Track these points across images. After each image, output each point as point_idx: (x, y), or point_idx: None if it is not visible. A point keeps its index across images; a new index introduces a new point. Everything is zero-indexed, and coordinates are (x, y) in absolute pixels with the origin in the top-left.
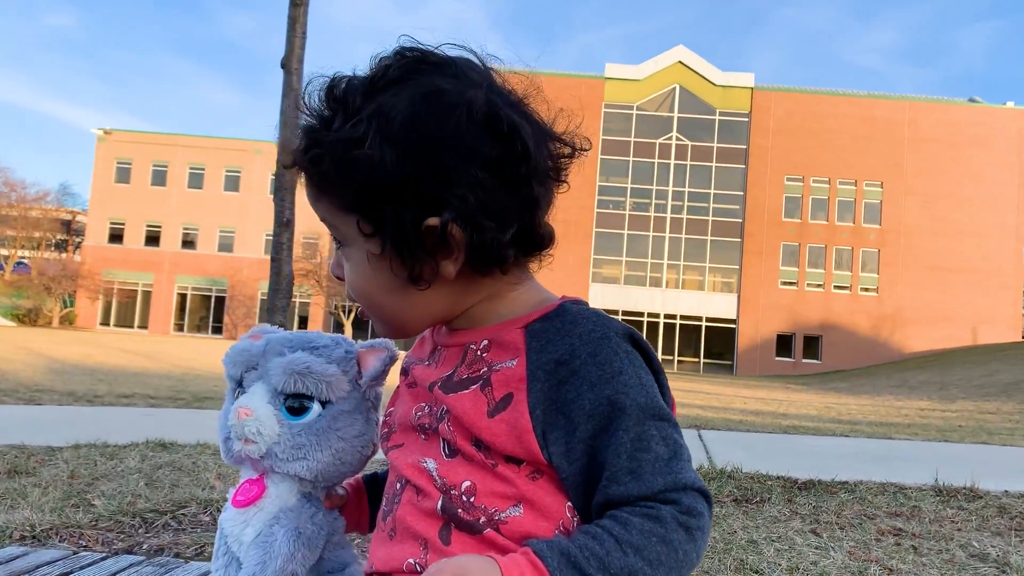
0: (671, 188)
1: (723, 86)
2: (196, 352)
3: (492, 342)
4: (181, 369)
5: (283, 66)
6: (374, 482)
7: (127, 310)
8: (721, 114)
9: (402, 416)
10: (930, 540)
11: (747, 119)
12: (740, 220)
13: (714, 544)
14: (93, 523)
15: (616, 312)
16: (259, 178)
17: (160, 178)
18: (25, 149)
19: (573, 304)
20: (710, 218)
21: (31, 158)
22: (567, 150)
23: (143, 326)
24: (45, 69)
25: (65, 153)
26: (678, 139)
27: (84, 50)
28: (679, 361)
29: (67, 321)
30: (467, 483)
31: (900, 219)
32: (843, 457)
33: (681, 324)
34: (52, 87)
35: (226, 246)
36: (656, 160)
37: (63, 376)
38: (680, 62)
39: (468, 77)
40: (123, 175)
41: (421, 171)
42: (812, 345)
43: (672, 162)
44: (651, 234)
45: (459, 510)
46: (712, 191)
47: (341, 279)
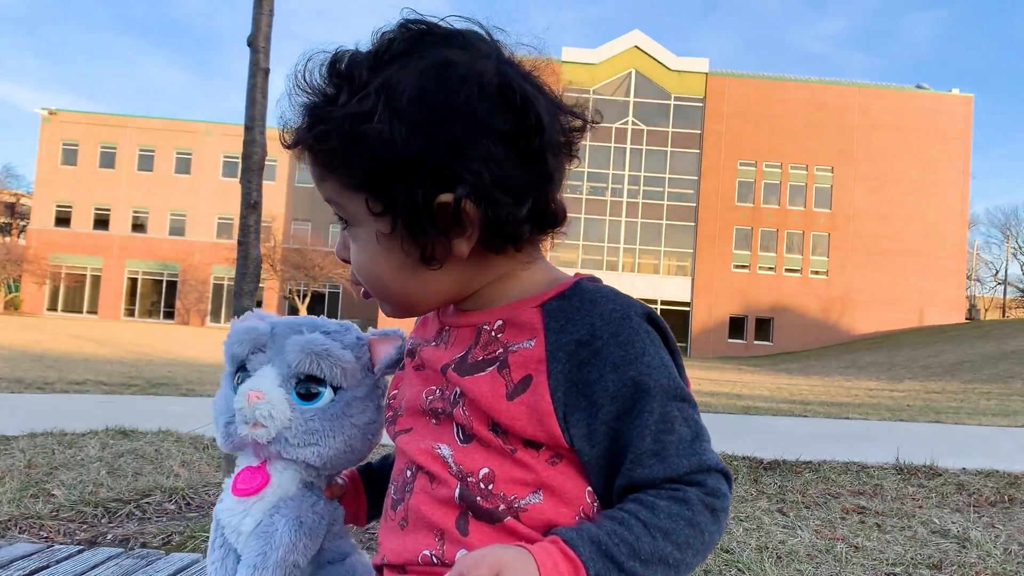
0: (627, 172)
1: (678, 71)
2: (148, 338)
3: (507, 322)
4: (134, 355)
5: (249, 44)
6: (369, 472)
7: (75, 295)
8: (676, 99)
9: (410, 400)
10: (893, 517)
11: (701, 104)
12: (694, 204)
13: None
14: (54, 514)
15: None
16: (210, 160)
17: (108, 160)
18: None
19: (589, 282)
20: (665, 202)
21: None
22: (578, 123)
23: (92, 311)
24: None
25: (7, 134)
26: (634, 124)
27: (24, 26)
28: None
29: (12, 307)
30: (485, 470)
31: (850, 203)
32: (803, 437)
33: None
34: None
35: (177, 230)
36: (612, 144)
37: (10, 363)
38: (636, 46)
39: (477, 48)
40: (70, 157)
41: (432, 146)
42: (764, 327)
43: (628, 147)
44: (607, 218)
45: (477, 498)
46: (667, 175)
47: (346, 261)
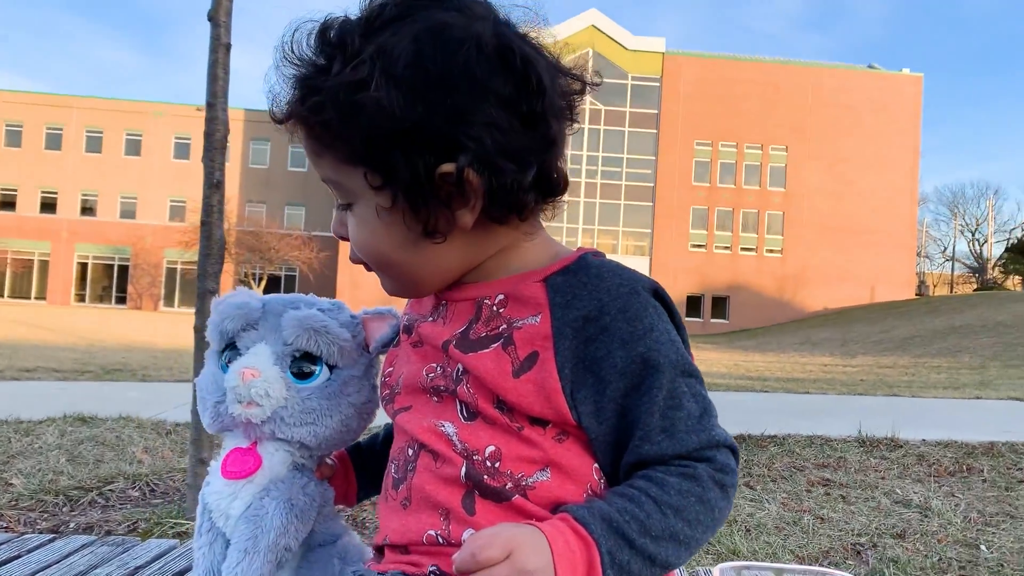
0: (585, 153)
1: (635, 51)
2: (100, 323)
3: (509, 296)
4: (86, 341)
5: (210, 19)
6: (358, 451)
7: (22, 280)
8: (633, 79)
9: (409, 377)
10: (857, 489)
11: (658, 84)
12: (652, 184)
13: None
14: (13, 503)
15: None
16: (161, 141)
17: (54, 142)
18: None
19: (593, 256)
20: (623, 183)
21: None
22: (577, 86)
23: (41, 297)
24: None
25: None
26: (591, 104)
27: None
28: None
29: None
30: (491, 448)
31: (803, 182)
32: (766, 412)
33: None
34: None
35: (128, 213)
36: None
37: None
38: (593, 26)
39: (471, 10)
40: (13, 138)
41: (432, 113)
42: (720, 305)
43: (586, 127)
44: (566, 199)
45: (484, 476)
46: (625, 156)
47: (344, 239)
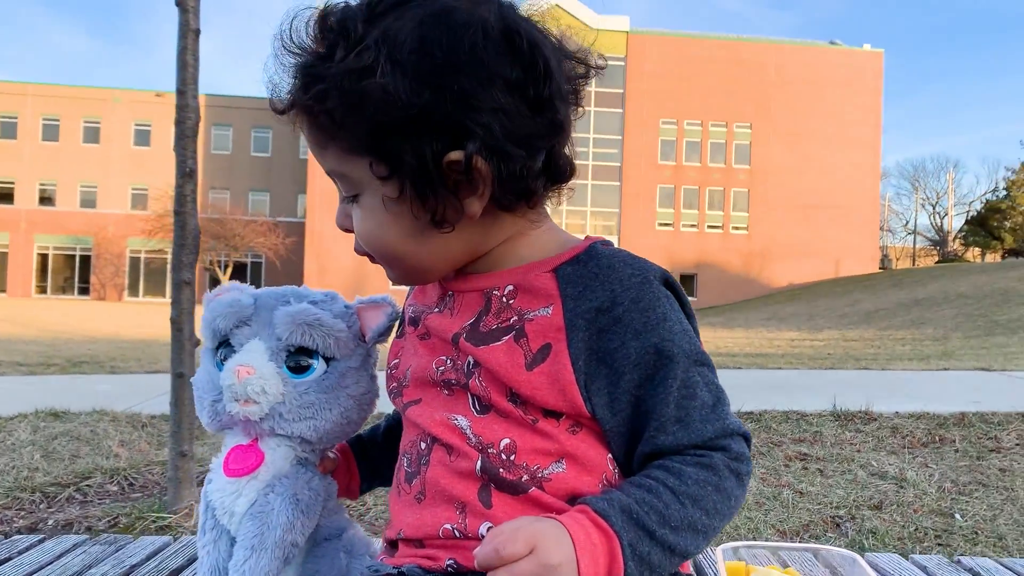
0: None
1: (599, 30)
2: (64, 315)
3: (518, 287)
4: (50, 333)
5: (178, 4)
6: (360, 444)
7: None
8: (598, 58)
9: (417, 370)
10: (834, 462)
11: (623, 63)
12: (618, 164)
13: None
14: None
15: None
16: (120, 129)
17: (9, 130)
18: None
19: (602, 245)
20: (590, 163)
21: None
22: (581, 69)
23: (0, 290)
24: None
25: None
26: None
27: None
28: None
29: None
30: (506, 441)
31: (768, 159)
32: (740, 388)
33: None
34: None
35: (89, 202)
36: None
37: None
38: (558, 5)
39: None
40: None
41: (439, 99)
42: (688, 283)
43: None
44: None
45: (500, 470)
46: (591, 135)
47: (348, 231)
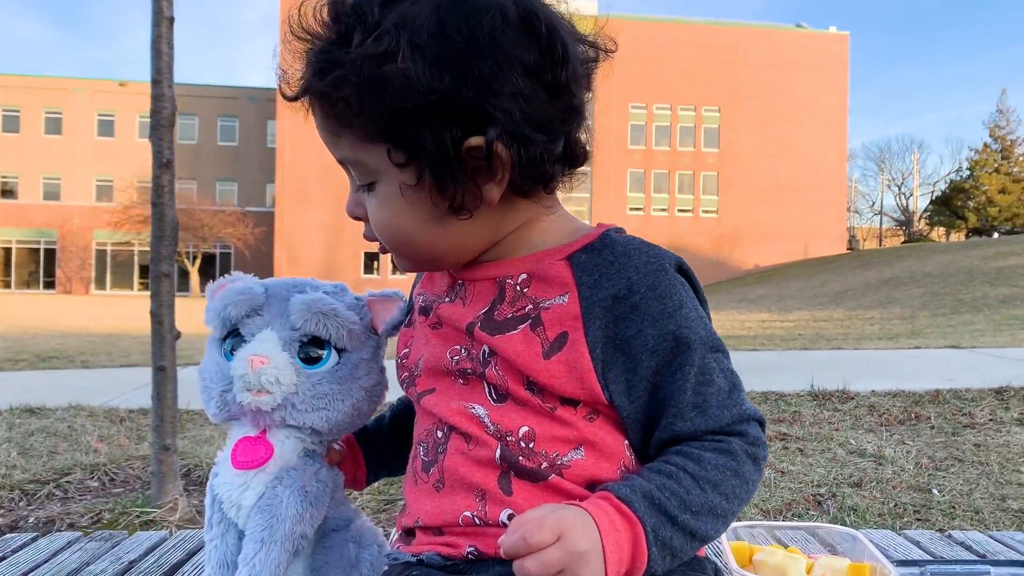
0: None
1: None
2: (29, 309)
3: (532, 276)
4: (16, 328)
5: None
6: (365, 435)
7: None
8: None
9: (431, 360)
10: (813, 441)
11: None
12: (589, 149)
13: None
14: None
15: None
16: (83, 119)
17: None
18: None
19: (615, 232)
20: None
21: None
22: (592, 53)
23: None
24: None
25: None
26: None
27: None
28: None
29: None
30: (525, 428)
31: (737, 142)
32: None
33: None
34: None
35: (52, 194)
36: None
37: None
38: None
39: None
40: None
41: (459, 84)
42: None
43: None
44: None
45: (520, 458)
46: None
47: (359, 219)
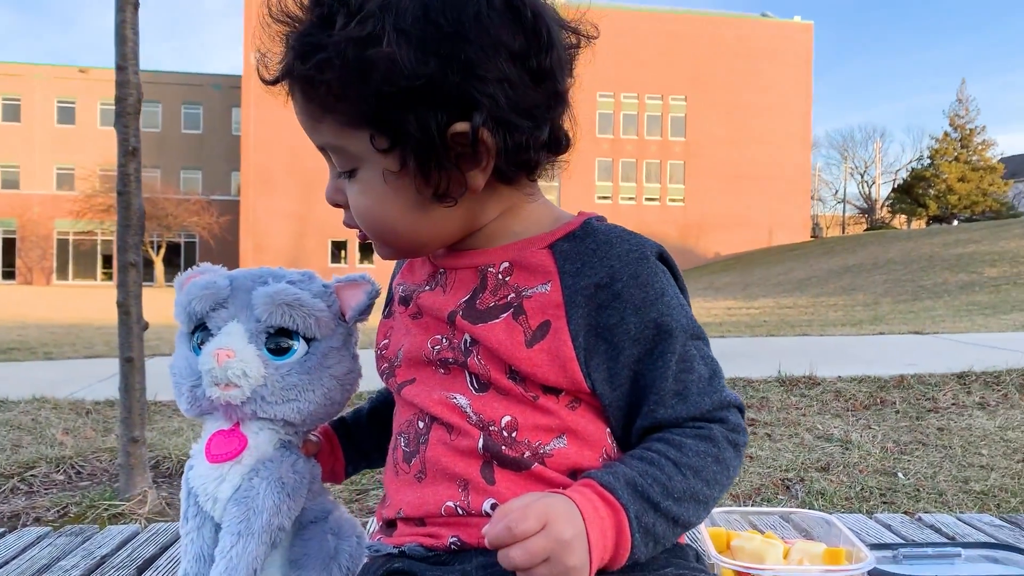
0: None
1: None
2: None
3: (514, 264)
4: None
5: None
6: (343, 426)
7: None
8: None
9: (411, 349)
10: (781, 427)
11: None
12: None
13: None
14: None
15: None
16: (42, 106)
17: None
18: None
19: (597, 220)
20: None
21: None
22: (574, 39)
23: None
24: None
25: None
26: None
27: None
28: None
29: None
30: (507, 418)
31: (703, 131)
32: None
33: None
34: None
35: (11, 183)
36: None
37: None
38: None
39: None
40: None
41: (444, 69)
42: None
43: None
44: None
45: (502, 447)
46: None
47: (339, 206)
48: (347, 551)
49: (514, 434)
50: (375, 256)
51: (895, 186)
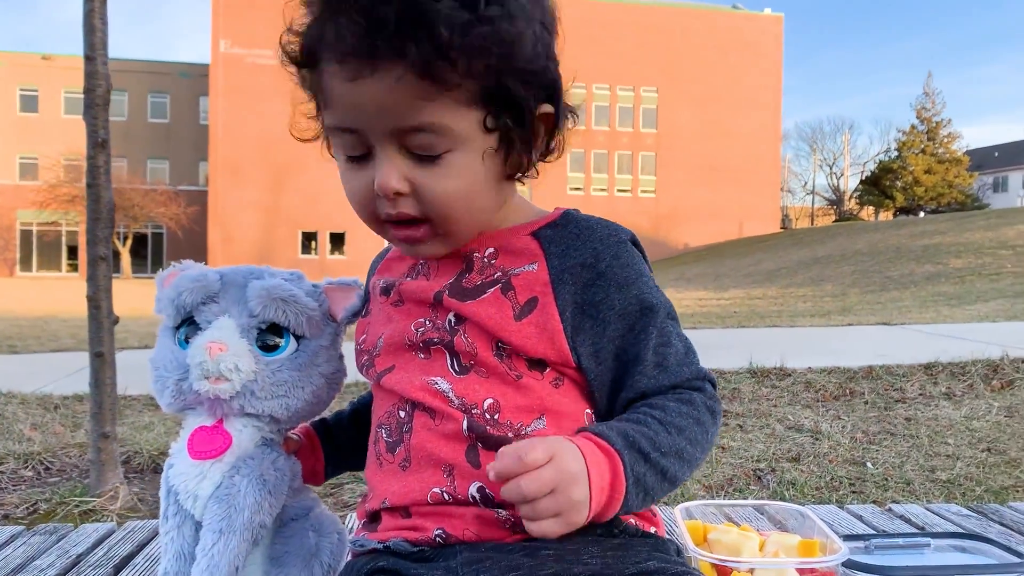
0: None
1: None
2: None
3: (499, 249)
4: None
5: None
6: (324, 427)
7: None
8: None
9: (392, 336)
10: (752, 418)
11: None
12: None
13: None
14: None
15: None
16: (4, 93)
17: None
18: None
19: (574, 212)
20: None
21: None
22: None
23: None
24: None
25: None
26: None
27: None
28: None
29: None
30: (489, 400)
31: (674, 123)
32: None
33: None
34: None
35: None
36: None
37: None
38: None
39: None
40: None
41: (547, 52)
42: None
43: None
44: None
45: (487, 428)
46: None
47: (399, 194)
48: (328, 548)
49: (496, 416)
50: (346, 248)
51: (863, 178)
